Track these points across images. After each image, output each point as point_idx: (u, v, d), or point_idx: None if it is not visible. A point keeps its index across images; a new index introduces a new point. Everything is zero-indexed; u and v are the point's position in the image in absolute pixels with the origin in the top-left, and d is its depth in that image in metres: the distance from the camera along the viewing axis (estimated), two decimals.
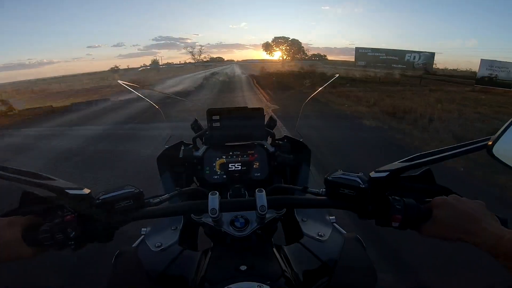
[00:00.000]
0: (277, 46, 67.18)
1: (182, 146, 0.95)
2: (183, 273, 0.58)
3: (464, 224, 0.45)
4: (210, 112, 0.87)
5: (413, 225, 0.52)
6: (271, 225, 0.89)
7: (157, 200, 0.57)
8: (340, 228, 0.72)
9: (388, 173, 0.52)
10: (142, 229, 0.74)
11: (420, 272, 1.66)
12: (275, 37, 68.64)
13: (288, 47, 67.85)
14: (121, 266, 0.60)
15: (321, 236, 0.68)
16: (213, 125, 0.88)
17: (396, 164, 0.53)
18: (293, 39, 69.24)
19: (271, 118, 0.98)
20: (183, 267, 0.60)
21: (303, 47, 68.24)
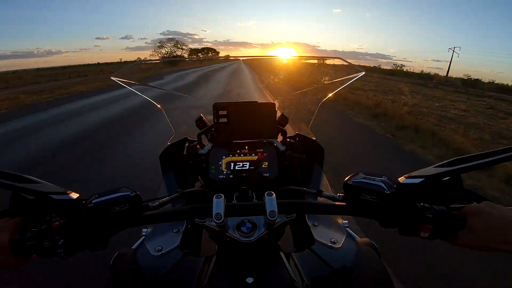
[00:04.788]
0: None
1: (186, 143, 0.90)
2: (184, 280, 0.54)
3: (503, 233, 0.42)
4: (217, 107, 0.81)
5: (444, 235, 0.46)
6: (279, 229, 0.83)
7: (157, 203, 0.52)
8: (353, 233, 0.67)
9: (422, 179, 0.45)
10: (143, 229, 0.71)
11: None
12: None
13: None
14: (120, 270, 0.57)
15: (334, 243, 0.62)
16: (220, 120, 0.81)
17: (431, 170, 0.47)
18: None
19: (283, 115, 0.91)
20: (184, 274, 0.56)
21: None
